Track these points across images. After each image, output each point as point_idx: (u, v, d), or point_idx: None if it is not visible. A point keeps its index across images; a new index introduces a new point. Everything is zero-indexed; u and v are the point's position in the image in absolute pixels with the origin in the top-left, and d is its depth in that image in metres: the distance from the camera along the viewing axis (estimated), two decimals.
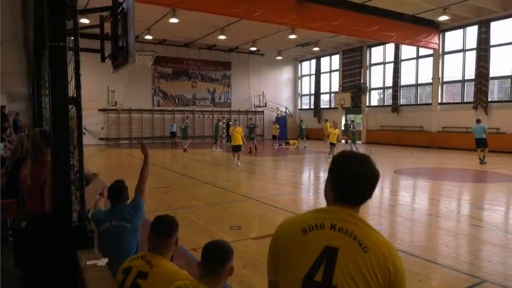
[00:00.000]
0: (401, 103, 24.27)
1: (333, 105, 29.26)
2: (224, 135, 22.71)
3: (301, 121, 25.22)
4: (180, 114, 27.28)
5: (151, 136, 26.68)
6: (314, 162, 15.53)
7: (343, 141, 25.77)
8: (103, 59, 3.91)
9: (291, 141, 24.95)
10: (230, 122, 20.69)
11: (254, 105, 30.58)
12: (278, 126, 22.52)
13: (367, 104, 26.46)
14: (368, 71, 26.37)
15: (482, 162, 14.01)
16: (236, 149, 13.66)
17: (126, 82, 25.40)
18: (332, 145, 15.66)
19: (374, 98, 26.81)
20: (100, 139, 25.14)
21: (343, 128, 27.51)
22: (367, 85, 26.34)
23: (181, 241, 2.44)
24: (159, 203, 7.69)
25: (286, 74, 32.62)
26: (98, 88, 23.34)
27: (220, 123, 21.22)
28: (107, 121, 25.39)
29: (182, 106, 28.10)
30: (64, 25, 2.70)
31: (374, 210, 7.24)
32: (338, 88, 28.51)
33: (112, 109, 25.15)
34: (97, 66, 22.34)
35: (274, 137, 22.18)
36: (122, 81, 24.78)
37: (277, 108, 31.34)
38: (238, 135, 13.50)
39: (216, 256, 1.90)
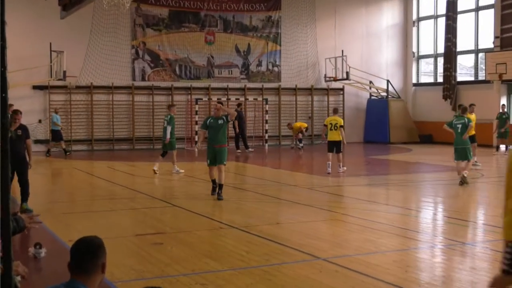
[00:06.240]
0: None
1: (481, 76, 28.51)
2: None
3: (503, 105, 24.95)
4: (184, 96, 27.64)
5: (130, 136, 27.29)
6: (442, 188, 15.27)
7: (503, 146, 24.82)
8: None
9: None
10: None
11: (325, 77, 30.55)
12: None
13: None
14: None
15: None
16: None
17: (87, 37, 26.17)
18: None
19: None
20: (37, 141, 25.85)
21: (496, 119, 26.63)
22: None
23: None
24: (146, 264, 7.78)
25: (388, 17, 32.39)
26: (34, 48, 24.28)
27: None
28: (48, 109, 26.15)
29: (188, 80, 28.56)
30: None
31: None
32: (493, 43, 27.82)
33: (58, 86, 26.03)
34: (34, 8, 22.99)
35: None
36: (78, 34, 25.57)
37: (370, 82, 31.04)
38: None
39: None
